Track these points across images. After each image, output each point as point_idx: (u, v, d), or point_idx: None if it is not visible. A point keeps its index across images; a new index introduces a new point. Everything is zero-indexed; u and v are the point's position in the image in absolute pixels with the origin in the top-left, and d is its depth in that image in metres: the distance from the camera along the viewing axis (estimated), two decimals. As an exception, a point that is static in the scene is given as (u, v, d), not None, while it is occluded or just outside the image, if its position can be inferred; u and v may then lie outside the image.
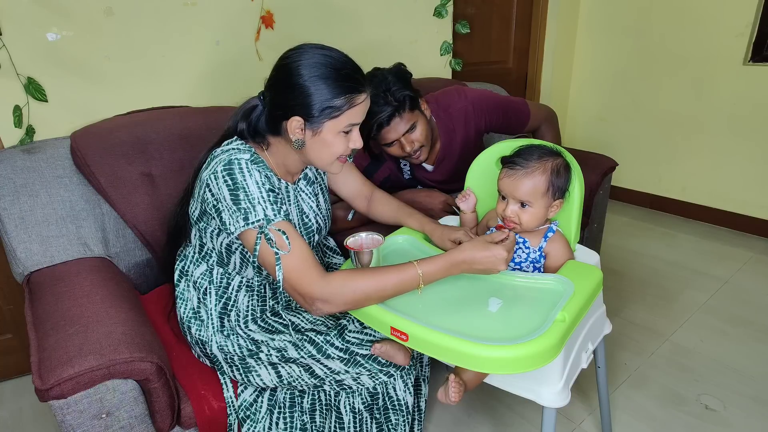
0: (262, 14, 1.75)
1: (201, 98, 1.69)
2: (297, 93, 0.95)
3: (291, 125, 0.97)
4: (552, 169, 1.04)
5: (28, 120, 1.42)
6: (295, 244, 0.94)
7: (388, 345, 1.04)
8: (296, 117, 0.96)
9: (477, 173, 1.24)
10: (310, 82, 0.94)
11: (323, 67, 0.95)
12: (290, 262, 0.93)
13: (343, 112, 0.96)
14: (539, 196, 1.04)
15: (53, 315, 1.02)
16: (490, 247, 0.95)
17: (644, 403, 1.54)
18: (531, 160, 1.04)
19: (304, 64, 0.95)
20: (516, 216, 1.05)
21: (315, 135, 0.98)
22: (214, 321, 1.11)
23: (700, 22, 2.50)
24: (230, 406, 1.09)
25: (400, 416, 1.12)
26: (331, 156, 1.02)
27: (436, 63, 2.38)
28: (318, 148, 1.00)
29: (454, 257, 0.96)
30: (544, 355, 0.81)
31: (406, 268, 0.94)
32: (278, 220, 0.94)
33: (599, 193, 1.84)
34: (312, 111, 0.95)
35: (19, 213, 1.25)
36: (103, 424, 0.94)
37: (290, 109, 0.97)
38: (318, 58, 0.95)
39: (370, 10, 2.04)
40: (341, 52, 0.99)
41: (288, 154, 1.05)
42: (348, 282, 0.92)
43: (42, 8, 1.36)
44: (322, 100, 0.95)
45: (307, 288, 0.92)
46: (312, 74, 0.94)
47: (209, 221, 1.04)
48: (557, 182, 1.04)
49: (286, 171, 1.10)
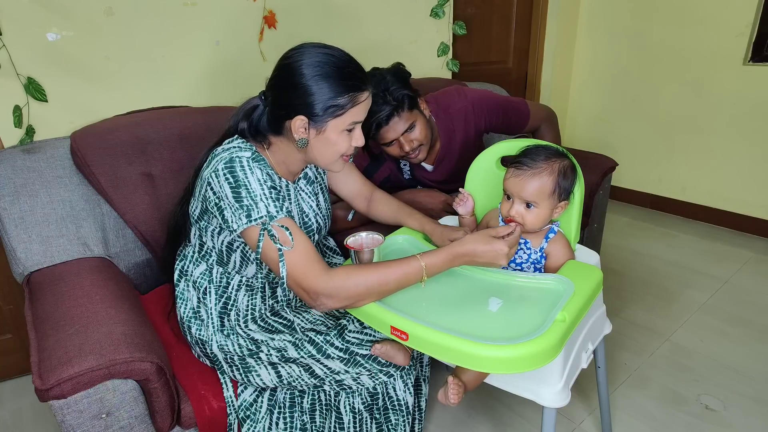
0: (264, 14, 1.76)
1: (201, 98, 1.69)
2: (300, 92, 0.95)
3: (295, 125, 0.98)
4: (559, 171, 1.04)
5: (28, 120, 1.42)
6: (298, 239, 0.94)
7: (388, 345, 1.04)
8: (300, 116, 0.97)
9: (477, 174, 1.24)
10: (313, 82, 0.94)
11: (326, 66, 0.95)
12: (293, 258, 0.93)
13: (347, 110, 0.97)
14: (546, 197, 1.03)
15: (53, 315, 1.02)
16: (491, 242, 0.95)
17: (644, 403, 1.54)
18: (538, 161, 1.04)
19: (306, 64, 0.95)
20: (520, 216, 1.04)
21: (319, 134, 0.98)
22: (214, 320, 1.11)
23: (700, 22, 2.50)
24: (230, 405, 1.09)
25: (399, 416, 1.12)
26: (334, 154, 1.02)
27: (435, 63, 2.38)
28: (322, 146, 1.00)
29: (456, 250, 0.96)
30: (544, 354, 0.81)
31: (410, 261, 0.94)
32: (281, 217, 0.94)
33: (599, 193, 1.84)
34: (316, 110, 0.95)
35: (19, 213, 1.25)
36: (103, 424, 0.94)
37: (293, 109, 0.97)
38: (320, 57, 0.95)
39: (370, 10, 2.04)
40: (343, 50, 0.99)
41: (290, 153, 1.06)
42: (351, 276, 0.93)
43: (42, 8, 1.36)
44: (326, 99, 0.95)
45: (310, 283, 0.92)
46: (315, 73, 0.94)
47: (210, 220, 1.04)
48: (564, 184, 1.04)
49: (287, 170, 1.10)
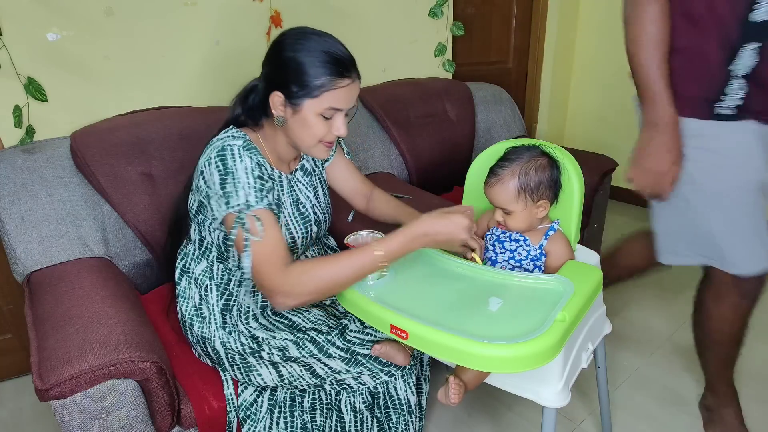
0: (270, 14, 1.77)
1: (201, 98, 1.69)
2: (282, 67, 0.97)
3: (273, 100, 0.99)
4: (520, 172, 1.04)
5: (28, 120, 1.42)
6: (269, 233, 0.93)
7: (388, 345, 1.04)
8: (277, 92, 0.97)
9: (477, 174, 1.23)
10: (293, 58, 0.95)
11: (311, 46, 0.95)
12: (258, 249, 0.93)
13: (323, 92, 0.96)
14: (512, 202, 1.05)
15: (53, 315, 1.02)
16: (448, 216, 0.94)
17: (644, 403, 1.54)
18: (504, 167, 1.06)
19: (293, 41, 0.96)
20: (504, 222, 1.08)
21: (295, 113, 0.98)
22: (216, 317, 1.11)
23: (700, 22, 2.50)
24: (230, 402, 1.09)
25: (400, 415, 1.12)
26: (311, 138, 1.01)
27: (434, 63, 2.38)
28: (299, 127, 1.00)
29: (413, 230, 0.94)
30: (544, 354, 0.81)
31: (364, 250, 0.94)
32: (258, 207, 0.94)
33: (599, 193, 1.85)
34: (291, 87, 0.96)
35: (19, 213, 1.25)
36: (103, 424, 0.94)
37: (273, 83, 0.98)
38: (310, 38, 0.96)
39: (370, 10, 2.05)
40: (337, 39, 0.99)
41: (277, 136, 1.06)
42: (306, 272, 0.92)
43: (42, 8, 1.36)
44: (303, 77, 0.95)
45: (268, 280, 0.92)
46: (298, 51, 0.95)
47: (206, 212, 1.05)
48: (528, 184, 1.04)
49: (278, 158, 1.11)
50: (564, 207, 1.11)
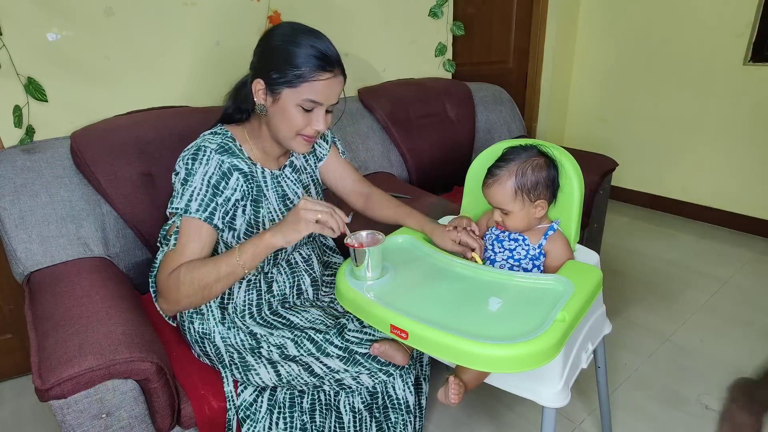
0: (269, 14, 1.77)
1: (201, 98, 1.69)
2: (266, 55, 0.99)
3: (255, 87, 1.00)
4: (517, 172, 1.05)
5: (28, 120, 1.42)
6: (185, 243, 0.99)
7: (387, 345, 1.04)
8: (259, 79, 0.99)
9: (474, 175, 1.23)
10: (279, 47, 0.97)
11: (300, 39, 0.97)
12: (169, 253, 1.00)
13: (302, 83, 0.96)
14: (510, 202, 1.06)
15: (53, 315, 1.02)
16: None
17: (644, 403, 1.54)
18: (501, 167, 1.07)
19: (283, 34, 0.98)
20: (502, 222, 1.09)
21: (275, 102, 0.99)
22: (215, 312, 1.11)
23: (700, 22, 2.50)
24: (230, 400, 1.09)
25: (399, 415, 1.12)
26: (288, 129, 1.01)
27: (434, 63, 2.38)
28: (278, 117, 1.01)
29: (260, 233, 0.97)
30: (544, 354, 0.81)
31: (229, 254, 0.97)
32: (194, 216, 0.98)
33: (599, 193, 1.84)
34: (272, 74, 0.97)
35: (19, 213, 1.25)
36: (103, 424, 0.94)
37: (258, 71, 1.00)
38: (300, 32, 0.98)
39: (370, 10, 2.04)
40: (327, 38, 1.00)
41: (262, 131, 1.08)
42: (176, 277, 0.97)
43: (42, 8, 1.36)
44: (283, 65, 0.96)
45: (158, 279, 1.00)
46: (283, 40, 0.97)
47: None
48: (525, 183, 1.05)
49: (264, 154, 1.11)
50: (564, 207, 1.11)
